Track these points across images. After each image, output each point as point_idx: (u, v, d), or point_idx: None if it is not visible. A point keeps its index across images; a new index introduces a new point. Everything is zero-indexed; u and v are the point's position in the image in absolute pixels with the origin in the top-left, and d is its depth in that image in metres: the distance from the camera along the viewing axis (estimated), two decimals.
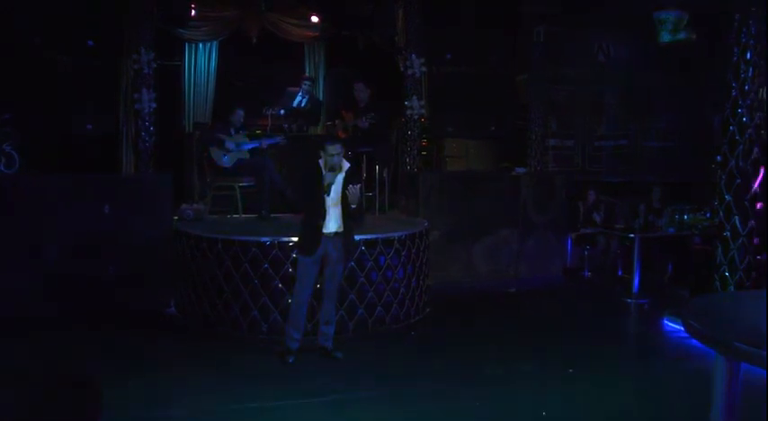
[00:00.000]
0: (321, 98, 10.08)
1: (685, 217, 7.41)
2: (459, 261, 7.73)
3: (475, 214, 7.79)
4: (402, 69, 8.45)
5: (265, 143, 7.47)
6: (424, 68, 8.36)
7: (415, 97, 8.33)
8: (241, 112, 7.47)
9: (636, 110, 9.88)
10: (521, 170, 8.53)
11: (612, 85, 9.88)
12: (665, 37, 8.11)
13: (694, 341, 2.78)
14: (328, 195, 4.90)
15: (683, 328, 5.86)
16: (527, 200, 8.09)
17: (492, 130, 9.40)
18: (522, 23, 9.09)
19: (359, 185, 4.91)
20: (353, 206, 4.90)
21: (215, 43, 9.19)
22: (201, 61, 9.26)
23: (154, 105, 7.54)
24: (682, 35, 8.12)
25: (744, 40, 5.52)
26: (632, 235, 7.16)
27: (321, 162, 4.95)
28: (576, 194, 8.55)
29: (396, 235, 6.14)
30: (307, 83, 8.91)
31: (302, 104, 8.82)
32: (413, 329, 6.08)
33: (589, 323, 6.40)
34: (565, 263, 8.32)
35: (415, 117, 8.36)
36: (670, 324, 6.18)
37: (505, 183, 8.10)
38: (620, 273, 7.97)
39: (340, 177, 4.97)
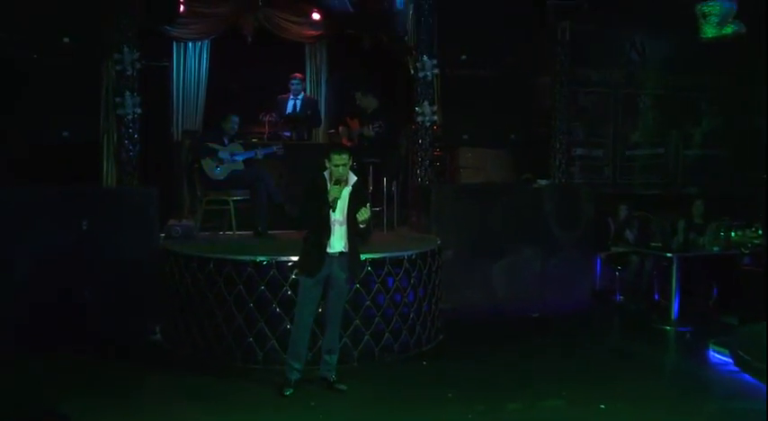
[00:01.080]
0: (322, 97, 10.15)
1: (732, 234, 7.36)
2: (475, 283, 7.78)
3: (493, 231, 7.84)
4: (412, 72, 8.50)
5: (262, 153, 7.58)
6: (436, 71, 8.38)
7: (426, 102, 8.35)
8: (235, 119, 7.59)
9: (674, 114, 9.87)
10: (544, 182, 8.57)
11: (647, 88, 9.88)
12: (710, 31, 7.96)
13: (745, 375, 2.77)
14: (333, 211, 4.96)
15: (731, 361, 5.83)
16: (551, 215, 8.15)
17: (512, 139, 9.44)
18: (544, 20, 9.13)
19: (368, 203, 5.02)
20: (362, 226, 4.97)
21: (206, 42, 9.22)
22: (191, 62, 9.28)
23: (138, 111, 7.51)
24: (729, 29, 7.97)
25: None
26: (670, 254, 7.14)
27: (326, 173, 5.01)
28: (606, 209, 8.55)
29: (405, 254, 6.18)
30: (294, 81, 8.94)
31: (297, 109, 8.91)
32: (424, 359, 6.10)
33: (623, 353, 6.39)
34: (593, 285, 8.34)
35: (427, 124, 8.38)
36: (716, 355, 6.11)
37: (527, 197, 8.16)
38: (656, 298, 7.96)
39: (346, 192, 5.02)
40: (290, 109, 8.93)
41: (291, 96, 8.98)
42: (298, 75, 9.15)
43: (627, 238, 8.36)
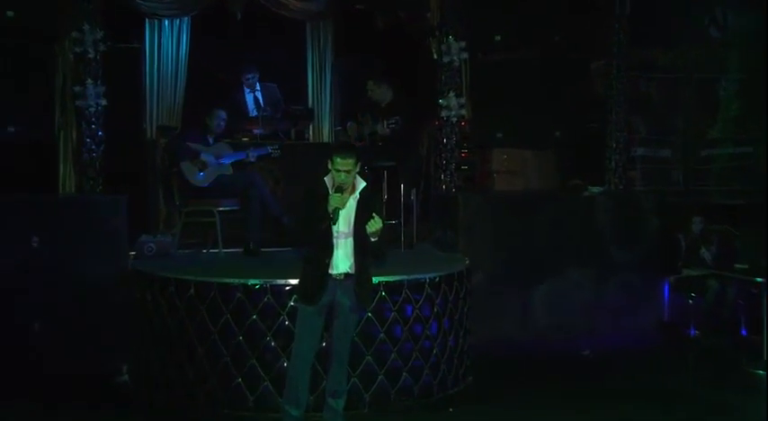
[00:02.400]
0: (327, 86, 10.29)
1: None
2: (511, 312, 7.82)
3: (534, 249, 7.87)
4: (436, 57, 8.56)
5: (254, 154, 7.64)
6: (465, 55, 8.44)
7: (452, 94, 8.42)
8: (222, 114, 7.63)
9: (764, 104, 9.60)
10: (597, 190, 8.62)
11: (730, 72, 9.79)
12: None
13: None
14: (335, 224, 4.97)
15: None
16: (606, 230, 8.19)
17: (556, 137, 9.43)
18: None
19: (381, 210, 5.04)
20: (374, 239, 4.96)
21: (186, 20, 9.29)
22: (168, 44, 9.33)
23: (103, 102, 7.60)
24: None
25: None
26: (760, 279, 7.13)
27: (328, 179, 5.04)
28: (676, 222, 8.57)
29: (427, 276, 6.22)
30: (249, 77, 9.16)
31: (261, 103, 9.06)
32: (450, 405, 6.11)
33: (708, 405, 6.19)
34: (661, 316, 8.37)
35: (453, 120, 8.46)
36: None
37: (575, 208, 8.21)
38: (743, 333, 7.95)
39: (353, 200, 5.04)
40: (251, 105, 9.20)
41: (248, 91, 9.25)
42: (253, 68, 9.23)
43: (703, 258, 8.39)
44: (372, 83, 8.36)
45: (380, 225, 4.90)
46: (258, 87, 9.31)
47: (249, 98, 9.28)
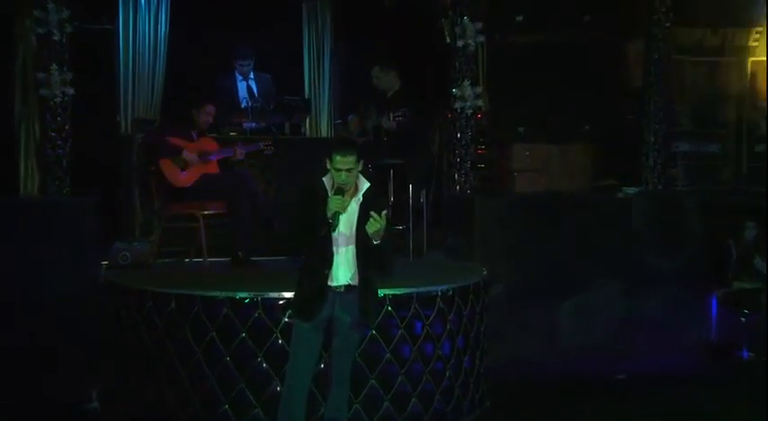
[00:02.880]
0: (325, 74, 10.32)
1: None
2: (535, 329, 7.84)
3: (560, 258, 7.91)
4: (449, 40, 8.58)
5: (243, 151, 7.69)
6: (481, 38, 8.47)
7: (467, 82, 8.43)
8: (212, 109, 7.69)
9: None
10: (632, 190, 8.64)
11: None
12: None
13: None
14: (335, 230, 4.95)
15: None
16: (643, 236, 8.24)
17: (586, 130, 9.44)
18: None
19: (384, 212, 4.95)
20: (376, 242, 4.92)
21: None
22: (145, 25, 9.23)
23: (70, 91, 7.62)
24: None
25: None
26: None
27: (326, 179, 5.03)
28: (725, 228, 8.56)
29: (439, 289, 6.22)
30: (245, 62, 9.20)
31: (256, 93, 9.13)
32: None
33: None
34: (707, 336, 8.39)
35: (469, 112, 8.48)
36: None
37: (608, 211, 8.26)
38: None
39: (355, 203, 5.03)
40: (243, 94, 9.22)
41: (240, 78, 9.29)
42: (248, 54, 9.27)
43: (757, 269, 8.38)
44: (379, 69, 8.40)
45: (382, 224, 4.86)
46: (252, 76, 9.34)
47: (241, 86, 9.30)
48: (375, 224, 4.84)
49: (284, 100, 9.20)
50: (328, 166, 5.00)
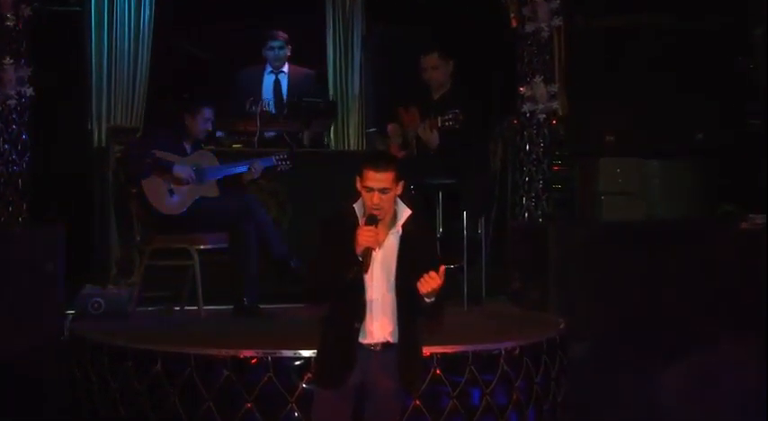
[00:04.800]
0: (355, 69, 10.43)
1: None
2: (629, 402, 7.58)
3: (665, 307, 7.74)
4: (515, 24, 8.54)
5: (261, 166, 7.71)
6: (558, 21, 8.38)
7: (539, 78, 8.33)
8: (208, 112, 7.69)
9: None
10: (762, 219, 8.45)
11: None
12: None
13: None
14: (368, 271, 4.85)
15: None
16: None
17: (698, 140, 9.35)
18: None
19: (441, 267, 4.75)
20: (429, 300, 4.77)
21: None
22: (124, 8, 9.37)
23: (29, 92, 7.64)
24: None
25: None
26: None
27: (357, 206, 4.93)
28: None
29: (502, 347, 6.19)
30: (275, 44, 9.25)
31: (283, 92, 9.23)
32: None
33: None
34: None
35: (541, 117, 8.34)
36: None
37: (729, 246, 8.03)
38: None
39: (393, 237, 4.92)
40: (267, 94, 9.28)
41: (269, 70, 9.33)
42: (280, 34, 9.34)
43: None
44: (438, 56, 8.33)
45: (441, 281, 4.69)
46: (285, 70, 9.35)
47: (268, 81, 9.32)
48: (432, 281, 4.68)
49: (302, 102, 9.18)
50: (358, 187, 4.87)
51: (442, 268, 4.66)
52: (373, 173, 4.77)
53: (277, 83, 9.32)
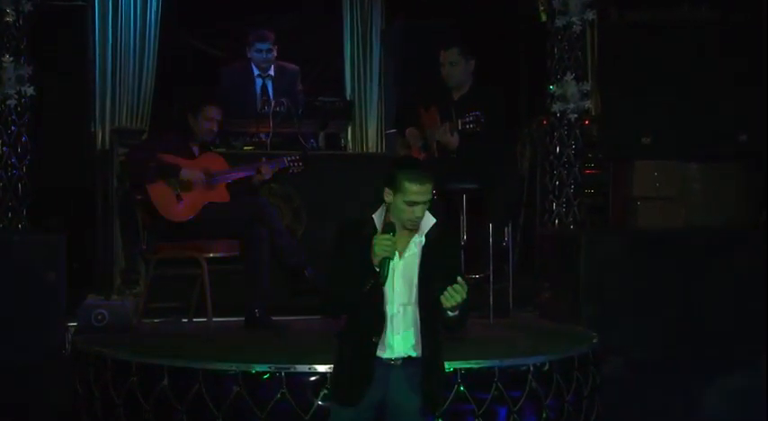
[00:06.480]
0: (374, 65, 10.40)
1: None
2: (670, 417, 7.57)
3: (704, 320, 7.72)
4: (544, 19, 8.54)
5: (270, 168, 7.66)
6: (591, 15, 8.34)
7: (571, 76, 8.30)
8: (216, 112, 7.63)
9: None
10: None
11: None
12: None
13: None
14: (385, 283, 4.80)
15: None
16: None
17: (741, 141, 9.23)
18: None
19: (461, 280, 4.67)
20: (452, 314, 4.71)
21: None
22: (128, 4, 9.53)
23: (29, 92, 7.66)
24: None
25: None
26: None
27: (377, 216, 4.91)
28: None
29: (531, 362, 6.16)
30: (263, 46, 9.22)
31: (270, 95, 9.17)
32: None
33: None
34: None
35: (572, 117, 8.31)
36: None
37: None
38: None
39: (415, 246, 4.87)
40: (259, 94, 9.32)
41: (257, 73, 9.32)
42: (268, 35, 9.29)
43: None
44: (458, 52, 8.21)
45: (464, 295, 4.64)
46: (272, 70, 9.33)
47: (258, 83, 9.31)
48: (456, 295, 4.62)
49: (317, 102, 9.23)
50: (387, 198, 4.82)
51: (466, 280, 4.65)
52: (418, 186, 4.76)
53: (264, 87, 9.35)
